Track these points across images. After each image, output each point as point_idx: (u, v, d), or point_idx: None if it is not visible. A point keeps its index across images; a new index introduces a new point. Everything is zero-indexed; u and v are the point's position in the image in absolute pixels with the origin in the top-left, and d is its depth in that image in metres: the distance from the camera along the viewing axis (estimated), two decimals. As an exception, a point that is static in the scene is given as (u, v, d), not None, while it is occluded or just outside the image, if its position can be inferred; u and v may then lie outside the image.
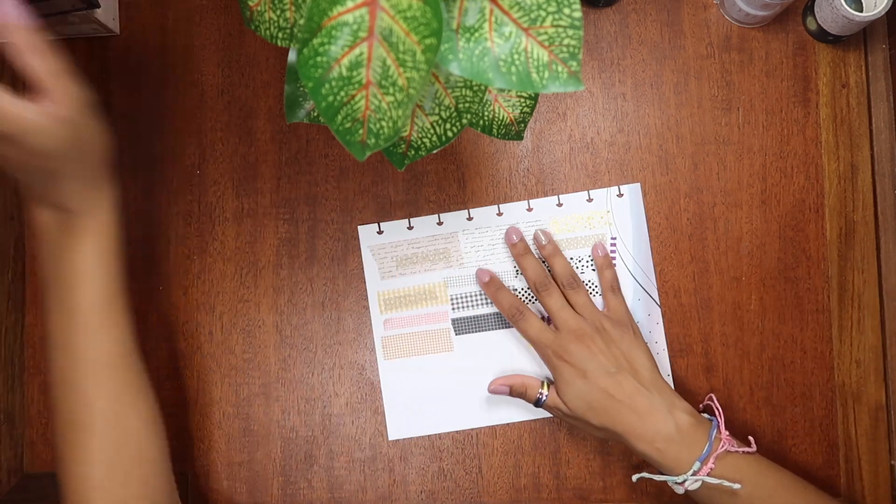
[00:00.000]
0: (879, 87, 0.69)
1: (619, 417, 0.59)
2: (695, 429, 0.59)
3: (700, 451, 0.58)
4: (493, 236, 0.69)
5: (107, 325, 0.54)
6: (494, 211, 0.69)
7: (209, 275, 0.69)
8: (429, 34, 0.36)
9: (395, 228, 0.69)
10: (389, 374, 0.68)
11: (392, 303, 0.69)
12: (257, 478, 0.68)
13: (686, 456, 0.58)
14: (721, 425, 0.60)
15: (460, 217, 0.69)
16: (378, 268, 0.69)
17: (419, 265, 0.69)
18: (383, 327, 0.69)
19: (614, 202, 0.69)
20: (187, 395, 0.69)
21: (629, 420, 0.59)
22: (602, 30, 0.70)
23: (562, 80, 0.39)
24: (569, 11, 0.38)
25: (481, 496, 0.68)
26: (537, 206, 0.69)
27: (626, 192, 0.69)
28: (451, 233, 0.69)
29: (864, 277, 0.68)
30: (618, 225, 0.69)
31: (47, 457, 0.69)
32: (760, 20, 0.68)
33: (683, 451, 0.58)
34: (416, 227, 0.69)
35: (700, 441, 0.58)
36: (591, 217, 0.69)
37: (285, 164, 0.70)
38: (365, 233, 0.69)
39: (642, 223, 0.68)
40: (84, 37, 0.70)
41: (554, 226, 0.69)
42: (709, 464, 0.57)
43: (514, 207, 0.69)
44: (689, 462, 0.58)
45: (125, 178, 0.70)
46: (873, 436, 0.67)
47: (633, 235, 0.68)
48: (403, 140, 0.48)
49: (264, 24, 0.46)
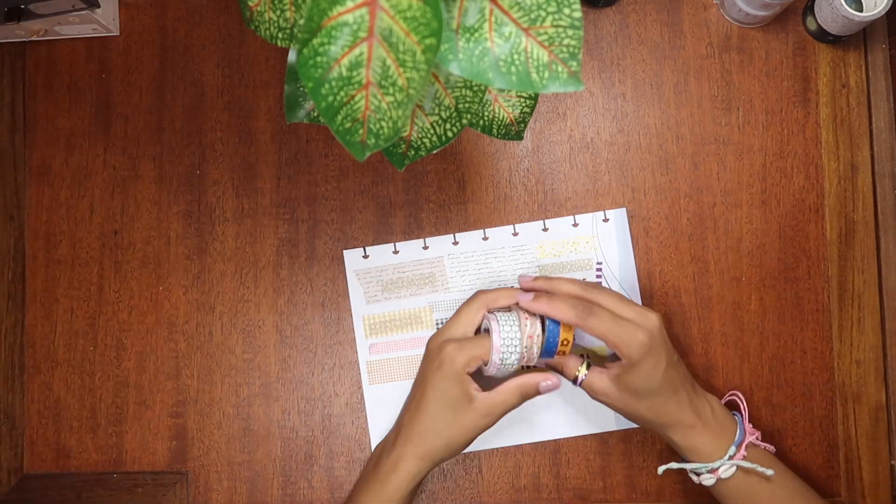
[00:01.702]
0: (879, 87, 0.69)
1: (678, 408, 0.60)
2: (725, 417, 0.61)
3: (732, 439, 0.60)
4: (478, 261, 0.68)
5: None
6: (480, 235, 0.68)
7: (209, 275, 0.69)
8: (429, 34, 0.36)
9: (381, 253, 0.69)
10: (374, 400, 0.68)
11: (377, 327, 0.68)
12: (257, 478, 0.68)
13: (719, 443, 0.60)
14: (745, 418, 0.62)
15: (446, 242, 0.69)
16: (363, 292, 0.68)
17: (405, 290, 0.68)
18: (368, 352, 0.68)
19: (600, 227, 0.68)
20: (187, 395, 0.69)
21: (683, 410, 0.60)
22: (602, 30, 0.70)
23: (562, 80, 0.39)
24: (569, 11, 0.38)
25: (481, 496, 0.68)
26: (523, 231, 0.68)
27: (612, 216, 0.68)
28: (437, 257, 0.68)
29: (864, 277, 0.68)
30: (603, 250, 0.68)
31: (47, 457, 0.69)
32: (760, 20, 0.68)
33: (718, 437, 0.60)
34: (402, 252, 0.69)
35: (731, 429, 0.60)
36: (577, 242, 0.68)
37: (285, 164, 0.70)
38: (350, 257, 0.69)
39: (628, 248, 0.68)
40: (84, 37, 0.70)
41: (539, 251, 0.68)
42: (741, 450, 0.59)
43: (499, 232, 0.68)
44: (723, 448, 0.59)
45: (125, 178, 0.70)
46: (873, 436, 0.67)
47: (619, 260, 0.68)
48: (403, 140, 0.48)
49: (264, 24, 0.46)
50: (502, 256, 0.68)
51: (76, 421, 0.69)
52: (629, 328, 0.57)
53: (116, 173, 0.70)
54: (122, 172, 0.70)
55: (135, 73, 0.71)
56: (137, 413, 0.69)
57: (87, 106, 0.70)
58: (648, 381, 0.58)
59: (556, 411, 0.67)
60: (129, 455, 0.68)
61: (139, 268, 0.69)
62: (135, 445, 0.68)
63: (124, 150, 0.70)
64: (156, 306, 0.69)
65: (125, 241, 0.70)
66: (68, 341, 0.69)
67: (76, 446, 0.69)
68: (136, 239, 0.70)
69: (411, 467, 0.60)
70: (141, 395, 0.69)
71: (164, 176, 0.70)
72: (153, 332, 0.69)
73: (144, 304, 0.69)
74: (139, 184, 0.70)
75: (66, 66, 0.71)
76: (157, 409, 0.69)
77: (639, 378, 0.58)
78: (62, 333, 0.69)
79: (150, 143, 0.70)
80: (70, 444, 0.69)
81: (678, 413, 0.59)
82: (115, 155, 0.70)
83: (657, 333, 0.58)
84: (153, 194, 0.70)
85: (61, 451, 0.69)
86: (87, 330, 0.69)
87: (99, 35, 0.70)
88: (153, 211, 0.70)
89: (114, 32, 0.70)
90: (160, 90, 0.70)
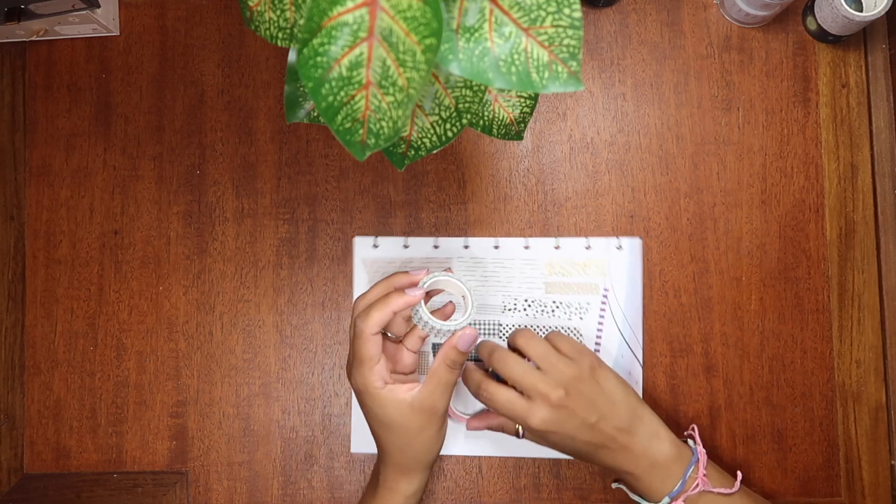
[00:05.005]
0: (879, 87, 0.69)
1: (599, 457, 0.58)
2: (672, 462, 0.58)
3: (673, 487, 0.57)
4: (486, 269, 0.68)
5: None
6: (492, 243, 0.68)
7: (209, 275, 0.69)
8: (429, 34, 0.35)
9: (391, 245, 0.68)
10: None
11: None
12: (257, 478, 0.68)
13: (659, 488, 0.58)
14: (701, 463, 0.58)
15: (457, 244, 0.68)
16: (368, 280, 0.68)
17: None
18: None
19: (612, 254, 0.68)
20: (187, 395, 0.69)
21: (608, 457, 0.58)
22: (602, 30, 0.70)
23: (562, 80, 0.39)
24: (569, 11, 0.38)
25: (481, 496, 0.68)
26: (535, 245, 0.68)
27: (626, 245, 0.68)
28: (446, 258, 0.68)
29: (864, 277, 0.68)
30: (612, 277, 0.67)
31: (47, 457, 0.69)
32: (760, 20, 0.68)
33: (656, 482, 0.58)
34: (412, 247, 0.68)
35: (676, 477, 0.58)
36: (588, 265, 0.68)
37: (285, 164, 0.70)
38: (360, 244, 0.68)
39: (637, 280, 0.67)
40: (84, 37, 0.70)
41: (549, 268, 0.68)
42: (679, 501, 0.57)
43: (511, 243, 0.68)
44: (661, 494, 0.58)
45: (125, 178, 0.70)
46: (873, 436, 0.67)
47: (627, 290, 0.67)
48: (403, 140, 0.48)
49: (264, 24, 0.46)
50: (511, 268, 0.68)
51: (76, 421, 0.69)
52: (521, 407, 0.56)
53: (116, 173, 0.70)
54: (122, 172, 0.70)
55: (135, 73, 0.71)
56: (137, 413, 0.69)
57: (87, 106, 0.70)
58: (560, 447, 0.59)
59: None
60: (129, 455, 0.68)
61: (139, 268, 0.69)
62: (135, 445, 0.68)
63: (124, 150, 0.70)
64: (156, 306, 0.69)
65: (125, 241, 0.70)
66: (68, 341, 0.69)
67: (76, 446, 0.69)
68: (136, 239, 0.70)
69: (402, 486, 0.58)
70: (141, 395, 0.69)
71: (164, 176, 0.70)
72: (153, 332, 0.69)
73: (144, 304, 0.69)
74: (139, 184, 0.70)
75: (66, 66, 0.71)
76: (157, 409, 0.69)
77: (550, 444, 0.59)
78: (62, 333, 0.69)
79: (150, 143, 0.70)
80: (70, 444, 0.69)
81: (611, 461, 0.58)
82: (115, 155, 0.70)
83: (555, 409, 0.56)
84: (153, 194, 0.70)
85: (61, 451, 0.69)
86: (87, 330, 0.69)
87: (99, 35, 0.70)
88: (153, 211, 0.70)
89: (114, 32, 0.70)
90: (160, 90, 0.70)
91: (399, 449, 0.56)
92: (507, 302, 0.67)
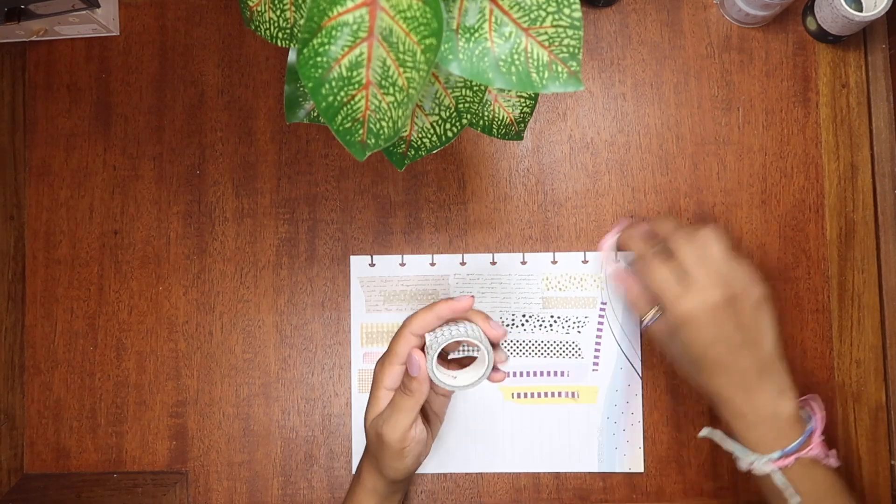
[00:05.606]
0: (879, 87, 0.69)
1: (726, 388, 0.57)
2: (792, 422, 0.57)
3: (787, 444, 0.56)
4: (483, 284, 0.68)
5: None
6: (488, 259, 0.68)
7: (209, 275, 0.69)
8: (429, 34, 0.35)
9: (388, 263, 0.68)
10: (362, 409, 0.67)
11: (373, 337, 0.68)
12: (257, 478, 0.68)
13: (771, 442, 0.56)
14: (818, 431, 0.57)
15: (454, 261, 0.68)
16: (365, 300, 0.68)
17: (406, 303, 0.68)
18: (362, 360, 0.68)
19: (610, 267, 0.68)
20: (187, 395, 0.69)
21: (727, 388, 0.57)
22: (602, 30, 0.70)
23: (562, 80, 0.39)
24: (569, 11, 0.38)
25: (481, 496, 0.68)
26: (532, 261, 0.68)
27: (623, 259, 0.67)
28: (443, 275, 0.68)
29: (864, 277, 0.68)
30: (609, 291, 0.68)
31: (47, 457, 0.69)
32: (760, 20, 0.68)
33: (770, 436, 0.56)
34: (409, 265, 0.68)
35: (791, 436, 0.56)
36: (584, 279, 0.68)
37: (285, 164, 0.70)
38: (357, 263, 0.69)
39: None
40: (84, 37, 0.70)
41: (545, 283, 0.68)
42: (789, 459, 0.56)
43: (508, 258, 0.68)
44: (771, 448, 0.56)
45: (125, 178, 0.70)
46: (873, 436, 0.67)
47: (624, 304, 0.68)
48: (403, 140, 0.48)
49: (264, 24, 0.46)
50: (508, 283, 0.68)
51: (76, 421, 0.69)
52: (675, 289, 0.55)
53: (116, 173, 0.70)
54: (122, 172, 0.70)
55: (135, 73, 0.71)
56: (137, 413, 0.69)
57: (87, 106, 0.70)
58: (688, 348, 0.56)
59: (547, 444, 0.67)
60: (129, 455, 0.68)
61: (139, 268, 0.69)
62: (135, 445, 0.68)
63: (124, 150, 0.70)
64: (156, 306, 0.69)
65: (125, 241, 0.70)
66: (68, 341, 0.69)
67: (76, 446, 0.69)
68: (136, 239, 0.70)
69: (367, 482, 0.59)
70: (141, 395, 0.69)
71: (164, 176, 0.70)
72: (153, 332, 0.69)
73: (144, 304, 0.69)
74: (139, 184, 0.70)
75: (66, 66, 0.71)
76: (157, 409, 0.69)
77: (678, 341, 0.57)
78: (62, 333, 0.69)
79: (150, 143, 0.70)
80: (70, 444, 0.69)
81: (726, 392, 0.57)
82: (115, 155, 0.70)
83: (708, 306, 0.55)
84: (153, 194, 0.70)
85: (61, 451, 0.69)
86: (87, 330, 0.69)
87: (99, 35, 0.70)
88: (153, 211, 0.70)
89: (114, 32, 0.70)
90: (160, 90, 0.70)
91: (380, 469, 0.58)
92: (505, 318, 0.67)
